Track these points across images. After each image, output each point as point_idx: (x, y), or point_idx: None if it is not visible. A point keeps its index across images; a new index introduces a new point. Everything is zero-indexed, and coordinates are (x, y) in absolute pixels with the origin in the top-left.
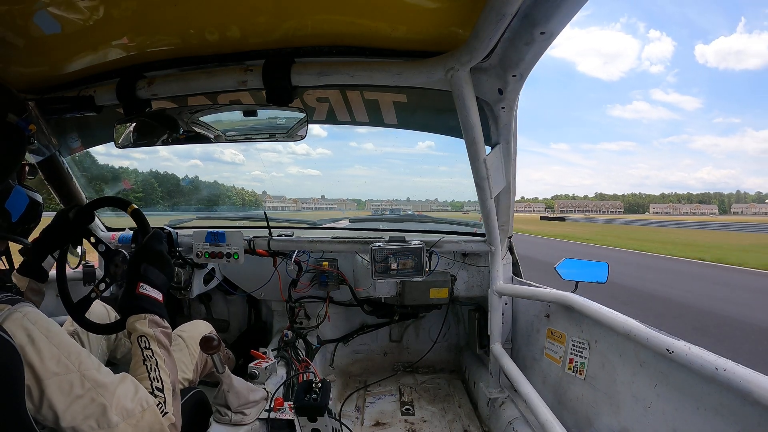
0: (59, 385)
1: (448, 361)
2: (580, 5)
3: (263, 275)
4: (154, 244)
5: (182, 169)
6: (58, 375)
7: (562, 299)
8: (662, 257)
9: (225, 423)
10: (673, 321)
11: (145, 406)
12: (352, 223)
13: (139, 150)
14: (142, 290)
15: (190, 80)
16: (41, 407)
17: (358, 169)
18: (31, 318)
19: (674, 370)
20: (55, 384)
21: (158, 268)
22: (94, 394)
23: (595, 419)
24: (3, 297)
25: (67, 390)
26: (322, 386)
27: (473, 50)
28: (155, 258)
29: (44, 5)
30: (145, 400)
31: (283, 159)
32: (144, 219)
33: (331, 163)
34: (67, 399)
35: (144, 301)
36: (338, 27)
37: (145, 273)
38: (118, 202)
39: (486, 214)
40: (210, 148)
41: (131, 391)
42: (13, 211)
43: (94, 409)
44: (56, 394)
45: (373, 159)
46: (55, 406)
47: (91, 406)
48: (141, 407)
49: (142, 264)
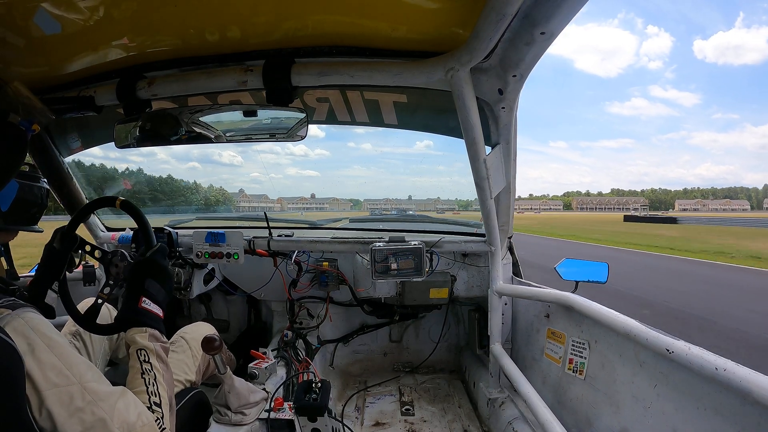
0: (59, 397)
1: (448, 361)
2: (580, 5)
3: (263, 275)
4: (158, 259)
5: (180, 172)
6: (58, 386)
7: (562, 299)
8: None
9: (225, 423)
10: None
11: (145, 420)
12: (352, 223)
13: (137, 151)
14: (145, 305)
15: (190, 80)
16: (40, 416)
17: (357, 170)
18: (32, 325)
19: (674, 370)
20: (54, 395)
21: (161, 283)
22: (95, 408)
23: (595, 419)
24: (4, 301)
25: (67, 402)
26: (322, 386)
27: (473, 50)
28: (159, 273)
29: (44, 5)
30: (144, 414)
31: (281, 160)
32: (147, 226)
33: (329, 164)
34: (66, 411)
35: (145, 316)
36: (338, 27)
37: (148, 288)
38: (104, 202)
39: (486, 214)
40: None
41: (131, 405)
42: (2, 201)
43: (94, 422)
44: (56, 406)
45: (371, 159)
46: (54, 418)
47: (91, 420)
48: (141, 422)
49: (147, 278)
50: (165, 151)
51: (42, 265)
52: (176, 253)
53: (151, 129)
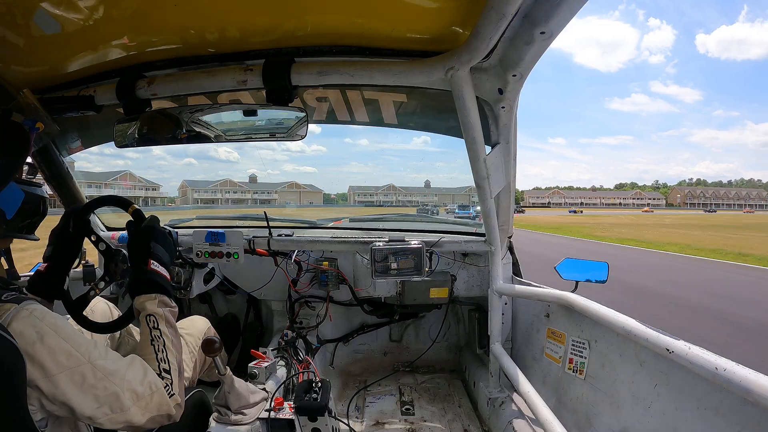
0: (71, 378)
1: (448, 361)
2: (580, 5)
3: (263, 275)
4: (156, 225)
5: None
6: (70, 368)
7: (562, 299)
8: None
9: (225, 423)
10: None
11: (154, 389)
12: (352, 222)
13: (135, 149)
14: (154, 266)
15: (190, 80)
16: (55, 403)
17: (354, 166)
18: (38, 315)
19: (674, 370)
20: (67, 377)
21: (164, 246)
22: (107, 383)
23: (595, 419)
24: (8, 296)
25: (79, 382)
26: (322, 386)
27: (473, 50)
28: (160, 236)
29: (44, 5)
30: (153, 383)
31: (277, 156)
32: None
33: (326, 160)
34: (80, 391)
35: (156, 276)
36: (338, 27)
37: (154, 250)
38: (119, 202)
39: (486, 214)
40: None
41: (140, 374)
42: (7, 209)
43: (107, 397)
44: (70, 388)
45: (369, 155)
46: (70, 400)
47: (104, 395)
48: (150, 390)
49: (151, 242)
50: (160, 147)
51: (55, 251)
52: (176, 253)
53: (151, 128)
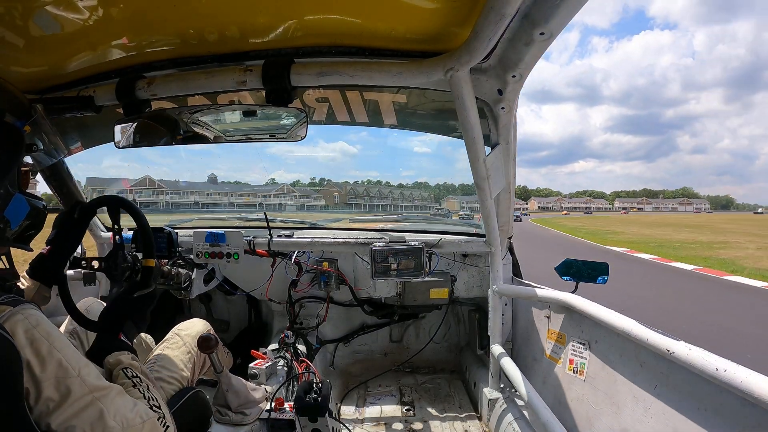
0: (56, 387)
1: (448, 362)
2: (580, 5)
3: (263, 275)
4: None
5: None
6: (57, 378)
7: (562, 300)
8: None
9: (225, 423)
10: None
11: (145, 417)
12: (352, 223)
13: (134, 149)
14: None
15: (189, 80)
16: (36, 407)
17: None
18: (32, 321)
19: (675, 371)
20: (52, 386)
21: (137, 325)
22: (91, 399)
23: (595, 420)
24: (5, 299)
25: (64, 392)
26: (323, 386)
27: (473, 50)
28: (140, 318)
29: (44, 5)
30: (144, 413)
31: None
32: (149, 236)
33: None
34: (63, 399)
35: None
36: (338, 27)
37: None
38: (128, 207)
39: (486, 215)
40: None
41: (130, 404)
42: (13, 219)
43: (90, 412)
44: (54, 395)
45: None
46: (50, 407)
47: (88, 409)
48: (141, 419)
49: (128, 321)
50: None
51: (58, 235)
52: (176, 253)
53: (151, 129)
